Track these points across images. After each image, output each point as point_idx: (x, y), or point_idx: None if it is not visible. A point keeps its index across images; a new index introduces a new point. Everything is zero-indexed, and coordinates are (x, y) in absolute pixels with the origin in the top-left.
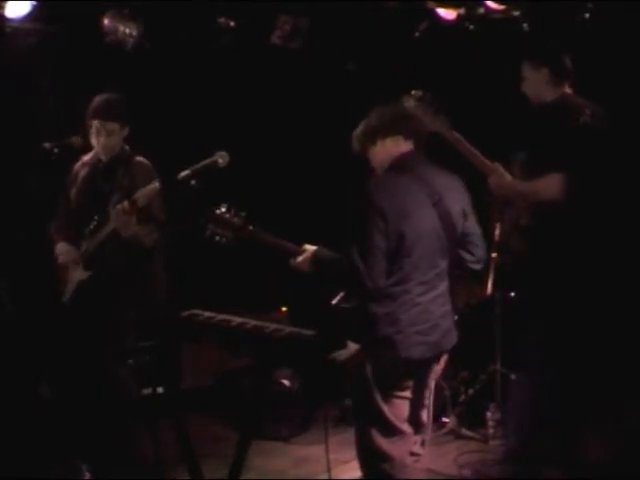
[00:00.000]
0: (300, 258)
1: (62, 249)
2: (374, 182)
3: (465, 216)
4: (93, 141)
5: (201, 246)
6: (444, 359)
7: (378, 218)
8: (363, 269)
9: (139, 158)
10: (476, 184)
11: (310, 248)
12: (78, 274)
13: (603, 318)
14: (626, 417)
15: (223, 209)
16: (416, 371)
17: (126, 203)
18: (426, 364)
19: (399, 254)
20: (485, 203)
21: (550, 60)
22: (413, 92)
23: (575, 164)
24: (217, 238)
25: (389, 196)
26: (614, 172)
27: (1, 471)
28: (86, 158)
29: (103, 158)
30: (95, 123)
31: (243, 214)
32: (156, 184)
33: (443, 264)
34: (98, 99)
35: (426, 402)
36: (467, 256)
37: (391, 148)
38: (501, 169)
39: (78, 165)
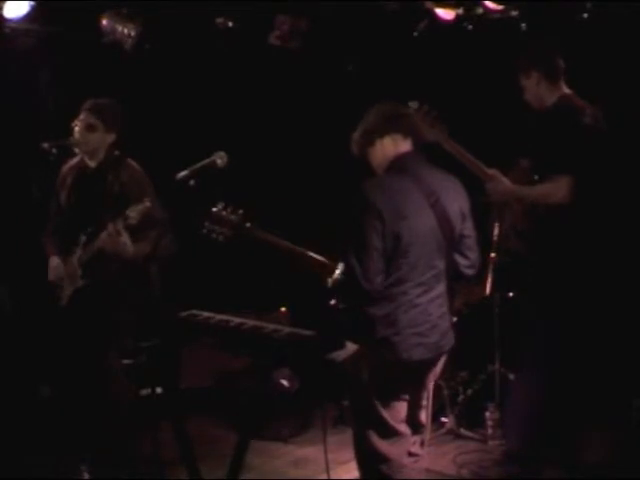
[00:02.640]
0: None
1: (53, 264)
2: (371, 183)
3: (463, 216)
4: (75, 134)
5: (200, 246)
6: (442, 361)
7: (375, 219)
8: (359, 270)
9: (130, 162)
10: (475, 185)
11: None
12: (74, 282)
13: (604, 319)
14: (627, 417)
15: (220, 207)
16: (415, 372)
17: (119, 222)
18: (425, 365)
19: (396, 255)
20: (483, 204)
21: (537, 62)
22: (410, 104)
23: (581, 165)
24: (214, 236)
25: (386, 197)
26: (617, 172)
27: (1, 471)
28: (73, 162)
29: (89, 163)
30: (81, 115)
31: (240, 211)
32: (147, 203)
33: (441, 265)
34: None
35: (424, 403)
36: (461, 260)
37: (390, 147)
38: (499, 176)
39: (65, 169)
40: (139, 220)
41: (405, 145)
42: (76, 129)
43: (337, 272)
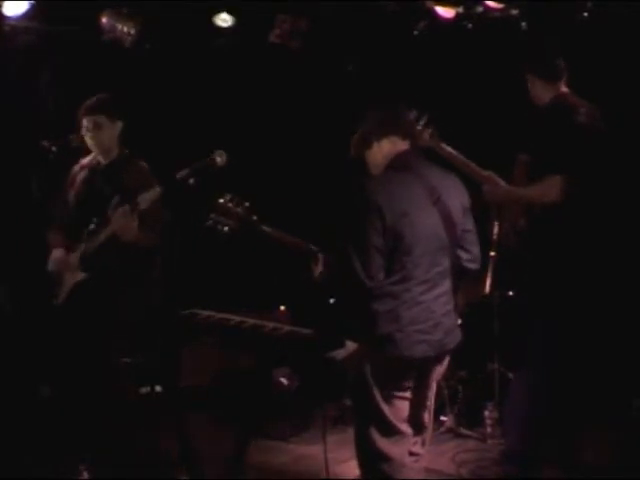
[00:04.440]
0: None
1: (55, 255)
2: (372, 181)
3: (464, 212)
4: (87, 141)
5: (200, 245)
6: (447, 360)
7: (375, 217)
8: (359, 268)
9: (140, 162)
10: (474, 183)
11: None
12: (76, 276)
13: (602, 317)
14: (627, 417)
15: (226, 199)
16: (418, 370)
17: (127, 206)
18: (428, 363)
19: (398, 252)
20: (483, 202)
21: (531, 62)
22: None
23: (573, 165)
24: (219, 227)
25: (387, 195)
26: (611, 171)
27: (1, 471)
28: (85, 161)
29: (102, 160)
30: (84, 121)
31: (246, 204)
32: (158, 189)
33: (445, 262)
34: (87, 100)
35: (428, 403)
36: (463, 254)
37: (387, 148)
38: (495, 178)
39: (76, 168)
40: (149, 206)
41: (403, 146)
42: (88, 137)
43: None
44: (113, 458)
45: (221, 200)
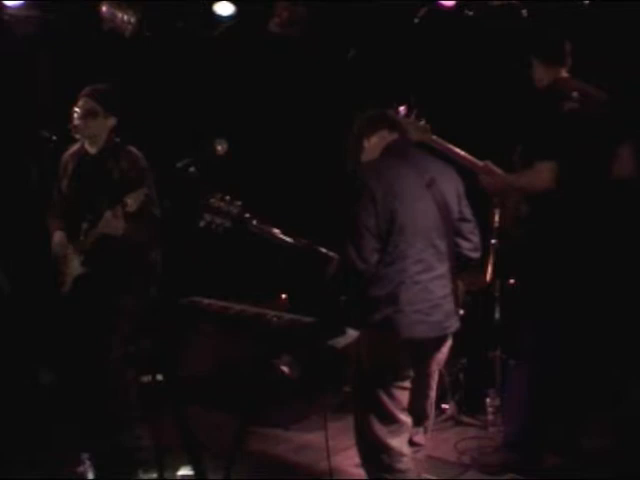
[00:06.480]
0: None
1: (56, 239)
2: (363, 166)
3: (459, 198)
4: (75, 123)
5: (200, 235)
6: (447, 347)
7: (367, 200)
8: (353, 251)
9: (130, 148)
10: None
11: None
12: (75, 269)
13: (601, 304)
14: (626, 405)
15: (218, 198)
16: (417, 356)
17: (115, 208)
18: (428, 347)
19: (392, 233)
20: (483, 191)
21: (538, 47)
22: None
23: (559, 151)
24: (213, 227)
25: (378, 178)
26: (603, 157)
27: (1, 470)
28: (74, 149)
29: (90, 150)
30: (80, 102)
31: (239, 203)
32: (144, 190)
33: (442, 245)
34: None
35: (430, 392)
36: (465, 244)
37: (377, 143)
38: (491, 167)
39: (66, 156)
40: (137, 207)
41: (392, 137)
42: (75, 115)
43: None
44: (113, 446)
45: (212, 199)
